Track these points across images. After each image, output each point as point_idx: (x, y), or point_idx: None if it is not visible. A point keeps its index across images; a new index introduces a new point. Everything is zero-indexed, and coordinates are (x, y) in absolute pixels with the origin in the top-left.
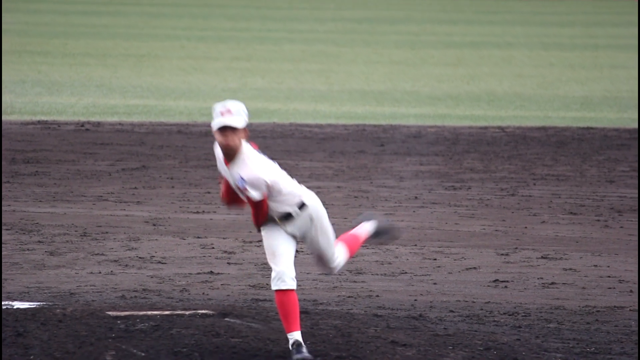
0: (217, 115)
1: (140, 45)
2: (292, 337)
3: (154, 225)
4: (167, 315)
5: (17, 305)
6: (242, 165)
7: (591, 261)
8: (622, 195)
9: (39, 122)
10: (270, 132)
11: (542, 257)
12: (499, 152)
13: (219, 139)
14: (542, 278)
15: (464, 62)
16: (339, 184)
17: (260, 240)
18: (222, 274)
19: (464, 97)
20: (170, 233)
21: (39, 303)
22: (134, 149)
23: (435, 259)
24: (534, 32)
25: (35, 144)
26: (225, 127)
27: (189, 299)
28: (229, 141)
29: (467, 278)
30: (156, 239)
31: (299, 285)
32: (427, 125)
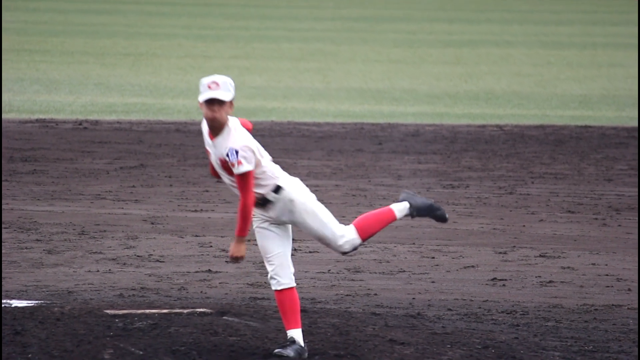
0: (204, 88)
1: (139, 43)
2: (289, 334)
3: (152, 223)
4: (165, 314)
5: (15, 303)
6: (228, 138)
7: (589, 259)
8: (620, 193)
9: (37, 120)
10: (268, 131)
11: (540, 256)
12: (497, 150)
13: (205, 112)
14: (540, 276)
15: (463, 60)
16: (337, 182)
17: None
18: (220, 272)
19: (462, 95)
20: (168, 231)
21: (37, 301)
22: (132, 147)
23: (433, 258)
24: (533, 30)
25: (33, 143)
26: (212, 100)
27: (187, 297)
28: (215, 114)
29: (465, 276)
30: (154, 238)
31: (297, 284)
32: (425, 124)
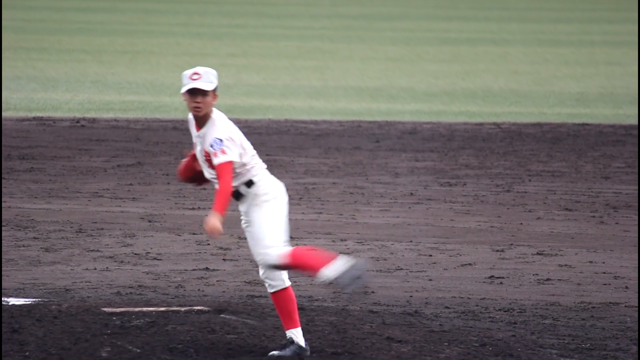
0: (186, 80)
1: (136, 41)
2: (288, 335)
3: (150, 221)
4: (162, 312)
5: (13, 301)
6: (213, 128)
7: (586, 257)
8: (618, 191)
9: (34, 118)
10: (265, 129)
11: (538, 254)
12: (494, 148)
13: (189, 103)
14: (537, 274)
15: (460, 58)
16: (335, 180)
17: None
18: (217, 270)
19: (460, 93)
20: (165, 229)
21: (34, 299)
22: (129, 145)
23: (430, 255)
24: (530, 28)
25: (30, 140)
26: (194, 91)
27: (184, 295)
28: (199, 104)
29: (463, 274)
30: (152, 236)
31: (295, 282)
32: (422, 122)
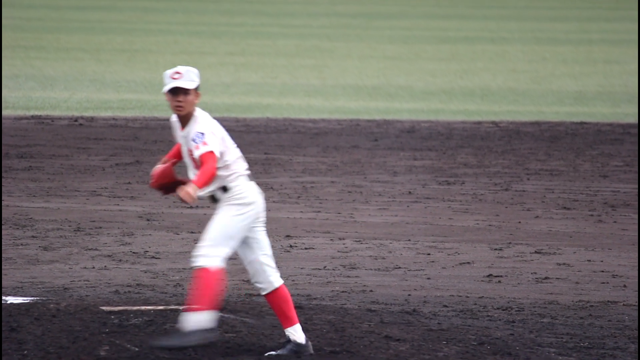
0: (168, 80)
1: (134, 40)
2: (286, 333)
3: (148, 220)
4: (160, 310)
5: (11, 300)
6: (195, 125)
7: (585, 256)
8: (616, 190)
9: (32, 116)
10: (263, 127)
11: (536, 252)
12: (492, 147)
13: (171, 103)
14: (535, 273)
15: (458, 57)
16: (333, 178)
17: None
18: None
19: (458, 92)
20: (164, 228)
21: (32, 298)
22: (127, 143)
23: (429, 254)
24: (528, 27)
25: (28, 139)
26: (176, 90)
27: (182, 294)
28: (181, 103)
29: (461, 273)
30: (150, 234)
31: (293, 281)
32: (420, 120)
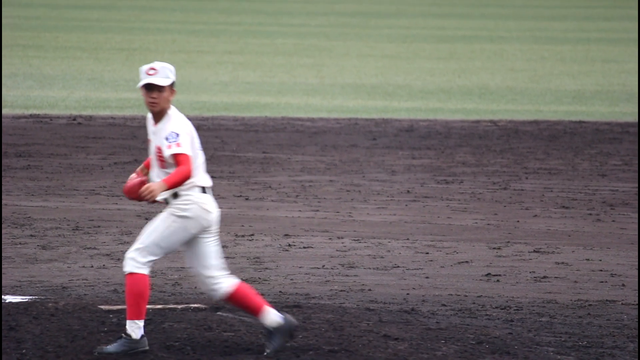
0: (143, 75)
1: (132, 38)
2: (264, 324)
3: (146, 219)
4: (159, 309)
5: (10, 299)
6: (169, 123)
7: (583, 255)
8: (614, 189)
9: (30, 115)
10: (262, 126)
11: (534, 251)
12: (491, 145)
13: (145, 98)
14: (534, 272)
15: (456, 56)
16: (331, 177)
17: (252, 235)
18: None
19: (456, 91)
20: None
21: (31, 297)
22: (126, 142)
23: (427, 253)
24: (526, 25)
25: (27, 138)
26: (150, 86)
27: (181, 292)
28: (155, 99)
29: (460, 272)
30: None
31: (292, 280)
32: (419, 119)
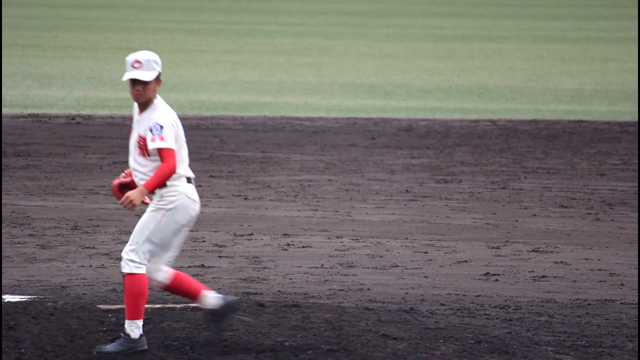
0: (128, 67)
1: (131, 38)
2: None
3: None
4: (158, 309)
5: (8, 298)
6: (154, 113)
7: (582, 254)
8: (613, 188)
9: (29, 115)
10: (261, 125)
11: (533, 251)
12: (490, 145)
13: (130, 91)
14: (533, 271)
15: (455, 55)
16: (330, 177)
17: (251, 234)
18: (213, 267)
19: (455, 90)
20: None
21: (30, 296)
22: (125, 142)
23: (426, 252)
24: (525, 25)
25: (26, 137)
26: (135, 80)
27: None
28: (139, 93)
29: (458, 271)
30: None
31: (290, 279)
32: (418, 119)
